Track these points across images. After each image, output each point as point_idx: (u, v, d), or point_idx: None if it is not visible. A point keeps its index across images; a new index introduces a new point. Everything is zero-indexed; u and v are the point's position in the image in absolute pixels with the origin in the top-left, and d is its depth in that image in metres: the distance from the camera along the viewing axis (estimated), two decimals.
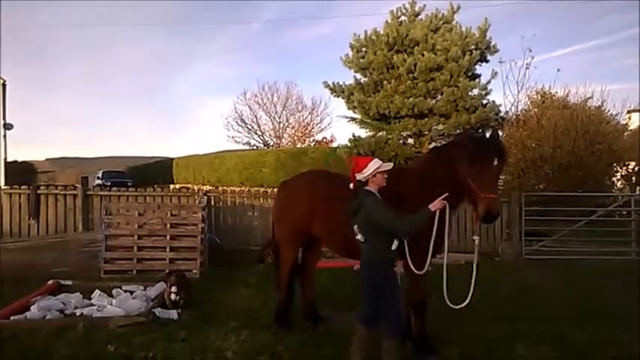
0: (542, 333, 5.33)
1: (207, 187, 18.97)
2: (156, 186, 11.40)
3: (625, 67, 56.98)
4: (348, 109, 17.39)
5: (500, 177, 5.86)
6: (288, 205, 5.54)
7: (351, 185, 4.36)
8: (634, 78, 53.19)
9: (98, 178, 34.71)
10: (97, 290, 6.76)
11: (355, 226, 4.25)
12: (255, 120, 38.49)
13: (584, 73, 58.43)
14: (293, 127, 38.60)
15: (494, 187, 4.18)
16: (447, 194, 4.21)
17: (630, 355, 4.77)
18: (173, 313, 6.05)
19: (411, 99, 15.27)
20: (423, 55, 15.13)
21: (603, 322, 5.69)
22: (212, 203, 10.72)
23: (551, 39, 58.39)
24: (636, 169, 16.10)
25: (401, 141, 16.15)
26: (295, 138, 38.02)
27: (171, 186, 24.89)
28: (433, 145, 15.01)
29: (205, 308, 6.51)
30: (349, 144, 16.22)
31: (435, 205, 4.10)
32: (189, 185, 26.35)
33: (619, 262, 9.59)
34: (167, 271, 7.90)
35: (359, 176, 4.30)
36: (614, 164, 14.92)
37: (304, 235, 5.43)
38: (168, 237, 8.69)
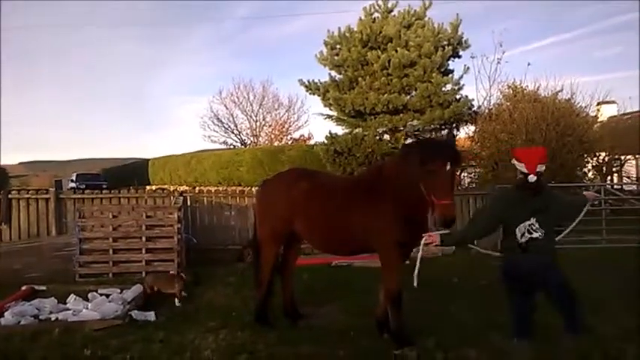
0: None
1: (183, 188, 18.80)
2: (131, 187, 11.22)
3: (594, 60, 58.49)
4: (324, 106, 17.46)
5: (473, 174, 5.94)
6: (270, 203, 5.58)
7: (531, 177, 4.00)
8: (602, 70, 54.55)
9: (72, 181, 34.06)
10: (72, 294, 6.65)
11: (532, 222, 3.92)
12: (231, 119, 38.30)
13: (554, 66, 59.66)
14: (270, 126, 38.50)
15: (448, 192, 4.11)
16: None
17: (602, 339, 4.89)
18: (150, 315, 6.00)
19: (385, 95, 15.39)
20: (396, 51, 15.26)
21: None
22: (188, 203, 10.63)
23: (522, 33, 59.49)
24: (606, 159, 16.55)
25: (377, 137, 16.25)
26: (272, 136, 37.92)
27: (147, 187, 24.59)
28: (408, 140, 15.19)
29: (184, 308, 6.48)
30: (326, 141, 16.27)
31: None
32: (165, 186, 26.08)
33: (591, 251, 9.83)
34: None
35: (542, 167, 4.03)
36: (585, 155, 15.27)
37: (285, 232, 5.46)
38: (143, 239, 8.59)
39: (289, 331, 5.44)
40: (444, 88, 15.62)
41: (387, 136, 17.01)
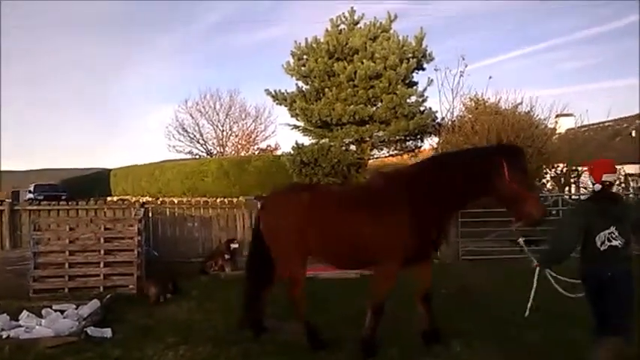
0: (477, 330, 5.47)
1: (146, 199, 18.38)
2: (92, 199, 10.88)
3: (553, 73, 60.62)
4: (291, 116, 17.50)
5: None
6: (283, 218, 5.22)
7: (597, 186, 4.14)
8: (560, 84, 56.66)
9: (30, 192, 32.84)
10: (24, 311, 6.35)
11: (612, 231, 3.99)
12: (197, 128, 37.78)
13: (514, 79, 61.57)
14: (237, 136, 38.19)
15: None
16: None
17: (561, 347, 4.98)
18: (107, 332, 5.78)
19: (352, 106, 15.53)
20: (362, 63, 15.44)
21: (538, 318, 5.91)
22: (150, 215, 10.38)
23: (484, 48, 61.23)
24: (564, 170, 17.06)
25: (343, 147, 16.35)
26: (239, 146, 37.62)
27: (109, 198, 23.94)
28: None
29: (143, 324, 6.28)
30: (292, 152, 16.25)
31: None
32: (127, 197, 25.45)
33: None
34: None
35: (609, 177, 4.14)
36: (544, 166, 15.71)
37: (306, 245, 5.12)
38: (102, 252, 8.31)
39: (252, 345, 5.33)
40: (408, 100, 15.87)
41: (353, 147, 17.13)
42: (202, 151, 37.49)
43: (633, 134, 24.85)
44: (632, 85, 48.57)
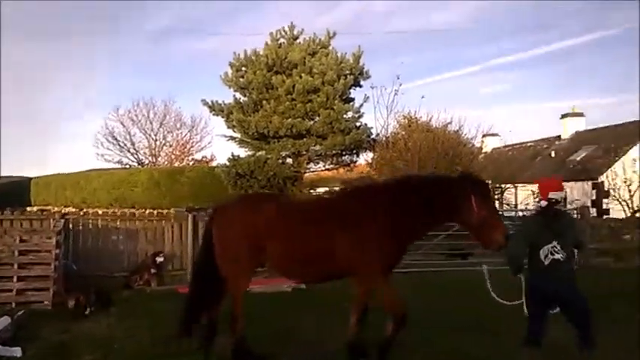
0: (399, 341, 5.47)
1: (69, 209, 17.36)
2: (8, 209, 10.08)
3: (481, 95, 63.95)
4: (228, 127, 17.22)
5: None
6: (239, 229, 4.93)
7: (543, 203, 4.48)
8: (487, 105, 59.91)
9: None
10: None
11: (554, 245, 4.25)
12: (128, 137, 36.32)
13: (445, 100, 64.47)
14: (171, 146, 37.06)
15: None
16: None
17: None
18: (17, 351, 5.34)
19: (289, 119, 15.52)
20: (301, 77, 15.52)
21: (459, 330, 6.09)
22: (71, 227, 9.76)
23: (418, 68, 63.63)
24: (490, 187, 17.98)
25: (280, 160, 16.30)
26: (173, 157, 36.54)
27: (28, 208, 22.39)
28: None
29: (57, 341, 5.88)
30: (228, 163, 15.99)
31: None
32: (48, 207, 23.92)
33: (470, 273, 10.43)
34: None
35: (555, 195, 4.44)
36: None
37: (258, 258, 4.94)
38: (16, 266, 7.70)
39: None
40: (345, 116, 16.10)
41: (289, 160, 17.10)
42: (133, 161, 36.07)
43: (552, 154, 26.60)
44: (555, 108, 52.35)
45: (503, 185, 19.51)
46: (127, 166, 34.53)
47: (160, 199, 19.46)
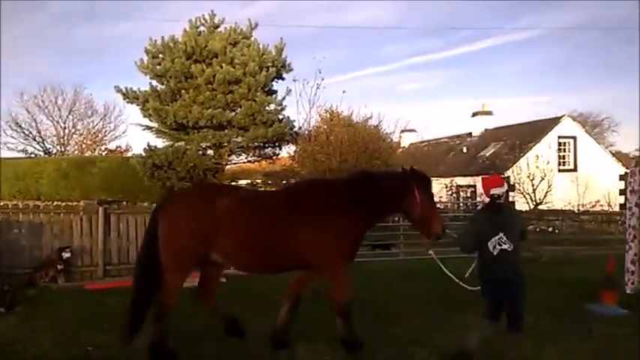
0: (323, 334, 5.57)
1: None
2: None
3: (400, 92, 66.20)
4: (144, 116, 16.50)
5: None
6: (187, 220, 4.80)
7: (486, 199, 5.01)
8: (407, 102, 62.18)
9: None
10: None
11: (501, 236, 4.66)
12: (34, 125, 33.71)
13: (365, 95, 66.09)
14: (81, 134, 34.88)
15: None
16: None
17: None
18: None
19: (210, 110, 15.17)
20: (221, 67, 15.20)
21: (380, 320, 6.29)
22: None
23: (340, 63, 64.65)
24: None
25: (200, 152, 15.91)
26: (84, 146, 34.41)
27: None
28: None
29: None
30: (144, 154, 15.34)
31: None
32: None
33: (392, 262, 10.88)
34: None
35: (496, 191, 4.89)
36: None
37: (203, 253, 4.81)
38: None
39: None
40: (267, 108, 16.00)
41: (210, 152, 16.75)
42: (39, 150, 33.57)
43: (464, 150, 28.16)
44: (469, 105, 55.54)
45: None
46: (33, 155, 32.08)
47: (69, 191, 18.25)
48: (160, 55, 16.04)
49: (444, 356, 4.79)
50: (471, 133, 29.64)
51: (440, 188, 22.40)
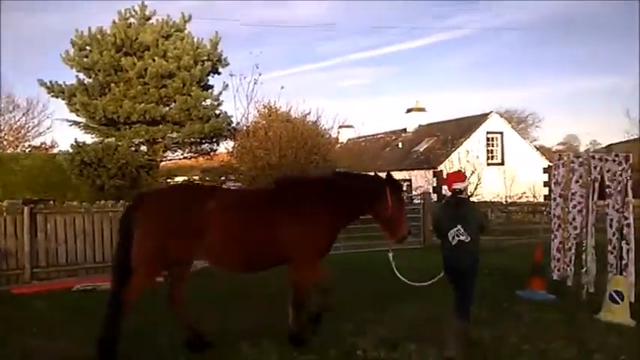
0: (268, 333, 5.49)
1: None
2: None
3: (338, 88, 66.94)
4: (71, 111, 15.68)
5: None
6: (167, 219, 4.77)
7: (449, 193, 5.27)
8: (344, 98, 62.96)
9: None
10: None
11: (459, 228, 4.94)
12: None
13: (304, 91, 66.29)
14: (1, 130, 32.55)
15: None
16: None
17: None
18: None
19: (142, 104, 14.65)
20: (154, 60, 14.70)
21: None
22: None
23: (277, 60, 64.39)
24: None
25: (132, 148, 15.32)
26: (5, 142, 32.14)
27: None
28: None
29: None
30: (71, 150, 14.54)
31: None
32: None
33: (331, 256, 10.88)
34: None
35: (458, 185, 5.19)
36: None
37: (180, 253, 4.78)
38: None
39: None
40: (203, 103, 15.66)
41: (143, 148, 16.17)
42: None
43: (400, 145, 28.87)
44: (404, 102, 57.04)
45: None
46: None
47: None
48: (88, 48, 15.28)
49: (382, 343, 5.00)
50: (405, 129, 30.42)
51: None
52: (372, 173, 5.58)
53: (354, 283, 7.65)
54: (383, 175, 5.40)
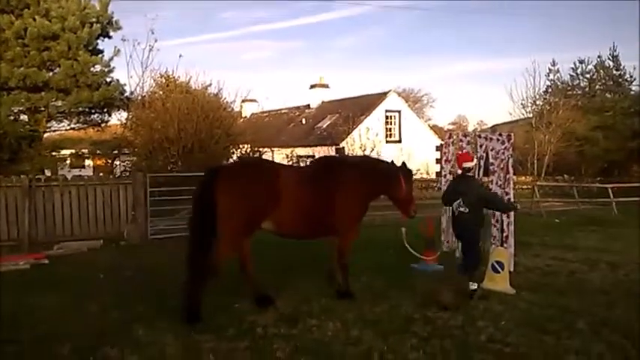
0: (163, 314, 5.30)
1: None
2: None
3: (241, 60, 65.39)
4: None
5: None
6: (247, 194, 5.31)
7: (459, 171, 6.47)
8: (247, 71, 61.78)
9: None
10: None
11: (460, 201, 6.01)
12: None
13: (205, 61, 63.96)
14: None
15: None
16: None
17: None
18: None
19: (22, 68, 13.29)
20: (34, 19, 13.26)
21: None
22: None
23: (176, 26, 61.27)
24: (249, 151, 18.55)
25: (12, 117, 13.88)
26: None
27: None
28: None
29: None
30: None
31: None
32: None
33: None
34: None
35: (467, 164, 6.26)
36: (231, 146, 16.69)
37: (260, 223, 5.45)
38: None
39: None
40: (92, 69, 14.50)
41: (24, 117, 14.71)
42: None
43: (304, 122, 29.04)
44: (307, 77, 57.20)
45: (261, 149, 20.42)
46: None
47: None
48: None
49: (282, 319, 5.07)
50: (309, 105, 30.62)
51: (281, 158, 22.86)
52: (390, 161, 6.51)
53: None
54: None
